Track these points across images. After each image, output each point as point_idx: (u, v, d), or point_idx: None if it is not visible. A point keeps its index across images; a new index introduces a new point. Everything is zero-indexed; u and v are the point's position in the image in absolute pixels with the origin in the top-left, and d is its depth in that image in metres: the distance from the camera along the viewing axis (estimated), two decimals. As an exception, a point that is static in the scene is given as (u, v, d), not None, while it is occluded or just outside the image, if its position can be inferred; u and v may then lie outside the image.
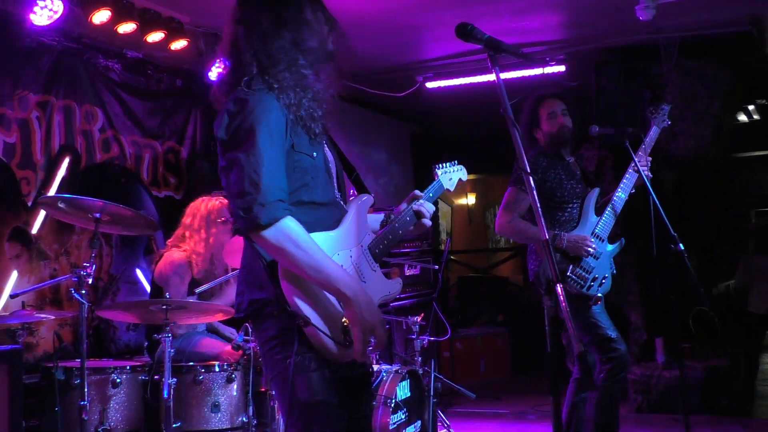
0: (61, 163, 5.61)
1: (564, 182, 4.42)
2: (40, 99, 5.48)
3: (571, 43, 7.04)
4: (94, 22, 5.26)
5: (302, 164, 2.48)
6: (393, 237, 2.69)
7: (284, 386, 2.40)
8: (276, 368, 2.44)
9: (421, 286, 7.52)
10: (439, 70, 7.65)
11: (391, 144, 9.68)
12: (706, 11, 6.19)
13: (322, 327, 2.36)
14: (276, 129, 2.40)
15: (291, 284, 2.36)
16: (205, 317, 4.57)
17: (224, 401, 4.43)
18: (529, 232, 4.30)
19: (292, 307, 2.35)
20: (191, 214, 4.96)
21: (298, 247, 2.31)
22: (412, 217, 2.76)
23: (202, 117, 6.90)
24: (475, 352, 8.66)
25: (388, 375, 4.85)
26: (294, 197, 2.46)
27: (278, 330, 2.42)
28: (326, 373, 2.42)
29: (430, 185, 2.96)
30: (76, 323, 5.30)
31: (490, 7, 6.05)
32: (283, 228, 2.30)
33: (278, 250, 2.32)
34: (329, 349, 2.39)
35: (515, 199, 4.35)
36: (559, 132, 4.50)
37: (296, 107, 2.47)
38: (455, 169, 3.10)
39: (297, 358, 2.37)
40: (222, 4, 5.60)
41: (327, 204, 2.56)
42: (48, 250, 5.47)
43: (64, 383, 4.20)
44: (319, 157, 2.55)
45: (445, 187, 3.03)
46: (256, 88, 2.44)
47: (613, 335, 4.28)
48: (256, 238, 2.33)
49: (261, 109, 2.39)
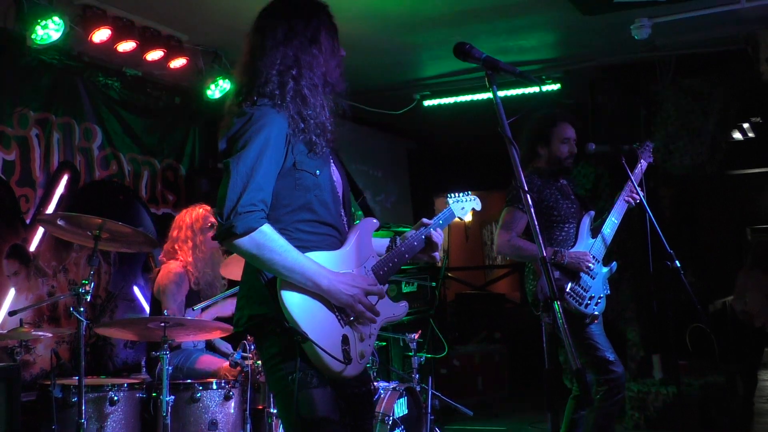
0: (60, 181, 5.63)
1: (560, 201, 4.44)
2: (40, 116, 5.51)
3: (568, 61, 7.09)
4: (94, 41, 5.30)
5: (305, 182, 2.50)
6: (398, 260, 2.71)
7: (287, 403, 2.41)
8: (278, 385, 2.46)
9: (419, 303, 7.51)
10: (436, 88, 7.70)
11: (388, 161, 9.70)
12: (702, 30, 6.24)
13: (320, 343, 2.38)
14: (273, 144, 2.43)
15: (289, 300, 2.38)
16: (203, 335, 4.58)
17: (222, 419, 4.42)
18: (528, 251, 4.31)
19: (289, 323, 2.37)
20: (177, 226, 5.02)
21: (272, 251, 2.35)
22: (420, 242, 2.78)
23: (201, 134, 6.93)
24: (473, 369, 8.63)
25: (385, 392, 4.85)
26: (296, 215, 2.48)
27: (281, 347, 2.44)
28: (328, 390, 2.43)
29: (441, 213, 2.97)
30: (73, 341, 5.29)
31: (488, 26, 6.10)
32: (257, 237, 2.35)
33: (252, 257, 2.38)
34: (328, 365, 2.40)
35: (513, 218, 4.36)
36: (567, 159, 4.54)
37: (302, 124, 2.50)
38: (468, 199, 3.11)
39: (299, 375, 2.39)
40: (220, 23, 5.68)
41: (330, 223, 2.58)
42: (46, 267, 5.47)
43: (62, 401, 4.19)
44: (323, 176, 2.57)
45: (456, 216, 3.05)
46: (260, 104, 2.47)
47: (611, 357, 4.30)
48: (229, 245, 2.38)
49: (262, 123, 2.43)
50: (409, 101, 7.77)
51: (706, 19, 5.83)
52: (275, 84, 2.51)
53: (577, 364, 1.97)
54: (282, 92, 2.50)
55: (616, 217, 4.51)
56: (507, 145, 2.38)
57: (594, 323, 4.33)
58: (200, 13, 5.52)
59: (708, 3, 5.62)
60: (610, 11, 5.70)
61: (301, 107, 2.51)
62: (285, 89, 2.50)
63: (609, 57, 6.90)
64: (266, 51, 2.55)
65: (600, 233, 4.47)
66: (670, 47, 6.59)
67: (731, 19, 5.91)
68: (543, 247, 2.19)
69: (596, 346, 4.28)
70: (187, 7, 5.44)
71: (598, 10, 5.72)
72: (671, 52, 6.68)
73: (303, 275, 2.39)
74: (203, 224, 4.97)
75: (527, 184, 4.36)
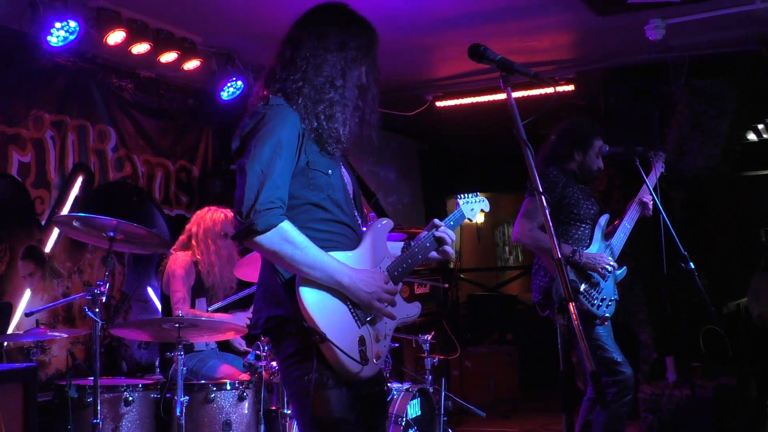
0: (75, 182, 5.66)
1: (581, 201, 4.47)
2: (55, 119, 5.54)
3: (580, 62, 7.08)
4: (109, 43, 5.33)
5: (318, 181, 2.52)
6: (412, 261, 2.71)
7: (302, 404, 2.42)
8: (294, 386, 2.47)
9: (431, 304, 7.52)
10: (448, 89, 7.70)
11: (400, 162, 9.71)
12: (715, 31, 6.22)
13: (338, 343, 2.39)
14: (286, 142, 2.44)
15: (308, 300, 2.39)
16: (217, 335, 4.60)
17: (236, 419, 4.44)
18: (546, 244, 4.29)
19: (308, 323, 2.37)
20: (196, 222, 5.04)
21: (295, 247, 2.36)
22: (433, 243, 2.78)
23: (214, 136, 6.95)
24: (485, 370, 8.63)
25: (398, 393, 4.85)
26: (311, 214, 2.50)
27: (297, 348, 2.45)
28: (344, 391, 2.44)
29: (451, 214, 2.98)
30: (88, 341, 5.33)
31: (500, 27, 6.10)
32: (278, 232, 2.36)
33: (273, 254, 2.38)
34: (345, 365, 2.41)
35: (534, 207, 4.33)
36: (596, 172, 4.60)
37: (317, 123, 2.52)
38: (477, 200, 3.13)
39: (314, 376, 2.39)
40: (234, 26, 5.71)
41: (345, 222, 2.59)
42: (61, 268, 5.51)
43: (77, 401, 4.22)
44: (335, 176, 2.58)
45: (466, 217, 3.06)
46: (274, 103, 2.49)
47: (619, 359, 4.31)
48: (250, 243, 2.38)
49: (275, 122, 2.44)
50: (422, 102, 7.77)
51: (719, 20, 5.81)
52: (313, 84, 2.53)
53: (592, 366, 1.97)
54: (312, 90, 2.52)
55: (629, 222, 4.53)
56: (522, 147, 2.38)
57: (603, 325, 4.34)
58: (214, 15, 5.54)
59: (721, 4, 5.60)
60: (624, 12, 5.68)
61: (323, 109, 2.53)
62: (316, 88, 2.53)
63: (622, 58, 6.89)
64: (317, 51, 2.56)
65: (613, 238, 4.49)
66: (684, 48, 6.57)
67: (745, 19, 5.89)
68: (559, 248, 2.19)
69: (604, 347, 4.29)
70: (200, 10, 5.46)
71: (611, 11, 5.71)
72: (684, 53, 6.66)
73: (324, 272, 2.39)
74: (222, 229, 4.97)
75: (555, 178, 4.40)
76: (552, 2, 5.60)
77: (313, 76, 2.54)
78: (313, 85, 2.54)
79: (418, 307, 2.77)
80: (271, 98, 2.51)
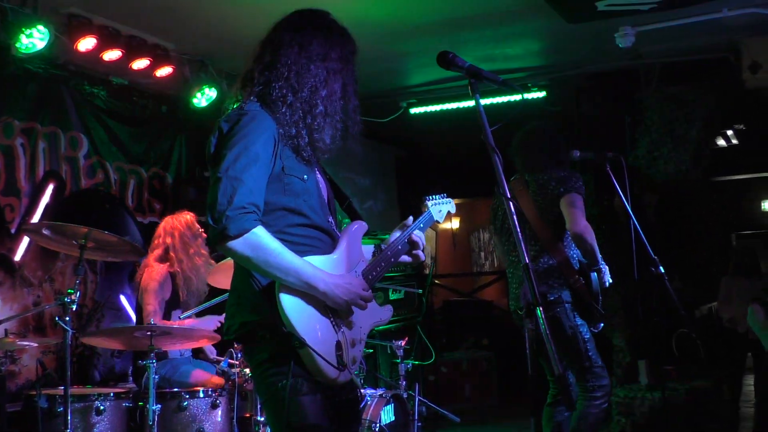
0: (46, 190, 5.61)
1: None
2: (25, 126, 5.50)
3: (553, 69, 7.14)
4: (80, 50, 5.29)
5: (293, 187, 2.51)
6: (385, 264, 2.73)
7: (277, 410, 2.42)
8: (268, 392, 2.46)
9: (406, 310, 7.53)
10: (422, 96, 7.73)
11: (376, 168, 9.72)
12: (685, 38, 6.29)
13: (316, 348, 2.39)
14: (262, 148, 2.43)
15: (287, 306, 2.38)
16: (190, 343, 4.57)
17: (209, 427, 4.41)
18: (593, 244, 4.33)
19: (287, 329, 2.37)
20: (169, 233, 5.01)
21: (268, 252, 2.35)
22: (405, 246, 2.79)
23: (188, 143, 6.92)
24: (461, 375, 8.65)
25: (372, 399, 4.85)
26: (286, 219, 2.49)
27: (271, 353, 2.44)
28: (318, 397, 2.44)
29: (421, 216, 3.00)
30: (59, 350, 5.27)
31: (474, 34, 6.13)
32: (251, 237, 2.34)
33: (247, 259, 2.36)
34: (323, 371, 2.41)
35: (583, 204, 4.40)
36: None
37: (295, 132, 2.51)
38: (444, 202, 3.15)
39: (290, 381, 2.39)
40: (206, 33, 5.68)
41: (320, 227, 2.59)
42: (32, 277, 5.45)
43: (48, 411, 4.17)
44: (310, 181, 2.58)
45: (435, 219, 3.08)
46: (250, 109, 2.48)
47: (600, 363, 4.36)
48: (223, 248, 2.37)
49: (250, 127, 2.43)
50: (396, 109, 7.79)
51: (689, 28, 5.88)
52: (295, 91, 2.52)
53: (559, 370, 1.99)
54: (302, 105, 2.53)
55: None
56: (490, 153, 2.39)
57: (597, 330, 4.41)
58: (186, 22, 5.52)
59: (691, 11, 5.67)
60: (595, 19, 5.74)
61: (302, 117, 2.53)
62: (308, 104, 2.53)
63: (594, 65, 6.95)
64: (299, 58, 2.55)
65: None
66: (654, 55, 6.65)
67: (714, 27, 5.96)
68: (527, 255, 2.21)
69: (593, 354, 4.35)
70: (172, 16, 5.44)
71: (582, 19, 5.76)
72: (655, 59, 6.74)
73: (298, 278, 2.38)
74: (195, 230, 4.99)
75: (573, 182, 4.42)
76: (524, 10, 5.64)
77: (297, 85, 2.53)
78: (298, 95, 2.53)
79: (390, 311, 2.79)
80: (248, 103, 2.51)
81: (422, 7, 5.50)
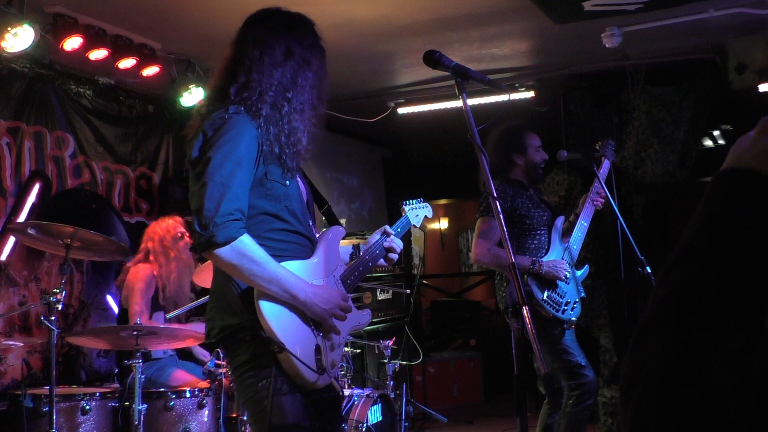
0: (32, 189, 5.58)
1: (532, 210, 4.48)
2: (11, 125, 5.46)
3: (540, 69, 7.15)
4: (66, 49, 5.26)
5: (275, 192, 2.52)
6: (363, 269, 2.76)
7: (258, 410, 2.42)
8: (248, 392, 2.47)
9: (394, 310, 7.54)
10: (410, 96, 7.73)
11: (363, 169, 9.72)
12: (671, 39, 6.32)
13: (295, 353, 2.39)
14: (246, 153, 2.43)
15: (266, 310, 2.39)
16: (177, 343, 4.56)
17: (195, 427, 4.40)
18: (507, 259, 4.31)
19: (267, 333, 2.37)
20: (149, 238, 5.05)
21: (253, 261, 2.35)
22: (382, 251, 2.84)
23: (175, 143, 6.90)
24: (448, 376, 8.66)
25: (359, 399, 4.85)
26: (268, 224, 2.49)
27: (251, 355, 2.45)
28: (298, 396, 2.45)
29: (398, 221, 3.03)
30: (45, 350, 5.24)
31: (461, 34, 6.14)
32: (238, 246, 2.34)
33: (232, 267, 2.37)
34: (302, 375, 2.41)
35: (489, 227, 4.37)
36: (541, 164, 4.61)
37: (274, 137, 2.51)
38: (421, 207, 3.18)
39: (271, 381, 2.39)
40: (193, 32, 5.67)
41: (300, 232, 2.60)
42: (17, 276, 5.42)
43: (33, 411, 4.15)
44: (292, 186, 2.59)
45: (412, 224, 3.11)
46: (233, 112, 2.47)
47: (583, 362, 4.35)
48: (209, 255, 2.37)
49: (234, 132, 2.43)
50: (384, 109, 7.79)
51: (675, 29, 5.91)
52: (262, 93, 2.51)
53: (545, 369, 1.99)
54: (265, 104, 2.51)
55: (585, 219, 4.57)
56: (477, 153, 2.40)
57: (569, 329, 4.38)
58: (173, 21, 5.51)
59: (677, 12, 5.70)
60: (582, 20, 5.76)
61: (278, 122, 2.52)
62: (268, 101, 2.51)
63: (580, 65, 6.98)
64: (264, 67, 2.54)
65: (571, 237, 4.52)
66: (641, 56, 6.68)
67: (700, 28, 5.99)
68: (513, 254, 2.22)
69: (568, 350, 4.33)
70: (159, 16, 5.42)
71: (569, 19, 5.78)
72: (641, 60, 6.76)
73: (281, 287, 2.39)
74: (175, 234, 5.00)
75: (501, 194, 4.43)
76: (511, 10, 5.65)
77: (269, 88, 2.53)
78: (269, 103, 2.52)
79: (369, 315, 2.84)
80: (231, 107, 2.50)
81: (409, 7, 5.51)
